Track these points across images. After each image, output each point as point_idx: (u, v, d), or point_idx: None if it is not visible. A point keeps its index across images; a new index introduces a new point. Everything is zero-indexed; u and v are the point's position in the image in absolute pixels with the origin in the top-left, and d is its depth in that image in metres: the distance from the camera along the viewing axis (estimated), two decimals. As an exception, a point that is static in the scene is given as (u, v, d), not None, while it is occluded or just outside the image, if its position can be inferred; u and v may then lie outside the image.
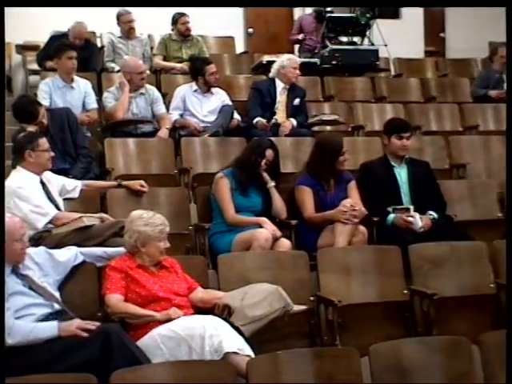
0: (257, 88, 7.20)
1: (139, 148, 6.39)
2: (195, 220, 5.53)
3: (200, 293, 4.35)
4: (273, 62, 7.47)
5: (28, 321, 3.84)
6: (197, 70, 7.11)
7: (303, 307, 4.41)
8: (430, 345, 3.79)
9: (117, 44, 8.52)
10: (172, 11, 8.75)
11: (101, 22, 9.23)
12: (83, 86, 6.85)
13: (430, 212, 5.49)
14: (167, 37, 8.64)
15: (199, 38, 8.79)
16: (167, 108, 7.01)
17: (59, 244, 4.53)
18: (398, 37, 9.58)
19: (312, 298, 4.62)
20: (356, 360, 3.62)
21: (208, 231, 5.28)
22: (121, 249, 4.36)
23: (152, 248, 4.23)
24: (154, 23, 9.32)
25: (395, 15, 10.82)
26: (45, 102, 6.37)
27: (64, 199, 5.14)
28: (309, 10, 9.87)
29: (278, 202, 5.43)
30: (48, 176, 5.09)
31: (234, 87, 8.09)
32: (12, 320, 3.75)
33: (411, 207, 5.46)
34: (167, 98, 7.23)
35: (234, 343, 3.81)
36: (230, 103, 7.11)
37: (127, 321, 4.05)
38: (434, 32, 11.71)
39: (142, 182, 5.46)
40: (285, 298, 4.24)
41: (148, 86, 7.00)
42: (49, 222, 4.79)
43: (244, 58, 9.74)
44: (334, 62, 8.64)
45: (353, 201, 5.28)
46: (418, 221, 5.38)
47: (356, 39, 9.03)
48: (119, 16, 8.62)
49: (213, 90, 7.07)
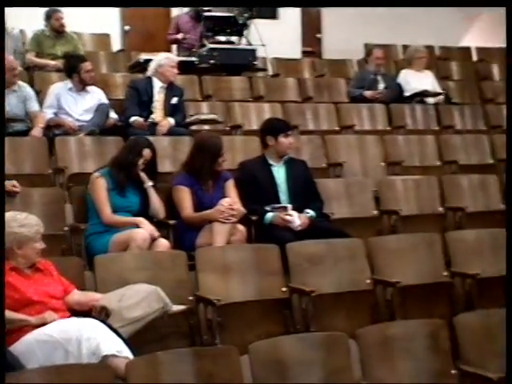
0: (134, 86, 7.09)
1: (11, 147, 6.16)
2: (71, 221, 5.40)
3: (76, 295, 4.26)
4: (150, 61, 7.38)
5: None
6: (71, 68, 6.95)
7: (182, 307, 4.38)
8: (309, 341, 3.82)
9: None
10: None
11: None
12: None
13: (308, 210, 5.56)
14: (40, 32, 8.40)
15: (74, 35, 8.59)
16: (41, 106, 6.81)
17: None
18: (276, 37, 9.64)
19: (191, 298, 4.58)
20: (236, 359, 3.61)
21: (84, 232, 5.17)
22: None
23: (29, 249, 4.11)
24: (26, 18, 8.99)
25: (273, 15, 10.89)
26: None
27: None
28: (186, 9, 9.80)
29: (156, 202, 5.37)
30: None
31: (111, 85, 7.95)
32: None
33: (289, 206, 5.50)
34: (41, 96, 7.03)
35: (112, 345, 3.74)
36: (107, 102, 6.98)
37: (-1, 326, 3.90)
38: (311, 33, 11.86)
39: (15, 183, 5.28)
40: (163, 299, 4.19)
41: (20, 83, 6.78)
42: None
43: (121, 56, 9.59)
44: (212, 61, 8.61)
45: (231, 200, 5.27)
46: (296, 219, 5.43)
47: (234, 39, 9.03)
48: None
49: (88, 89, 6.92)
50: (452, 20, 11.56)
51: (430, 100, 8.65)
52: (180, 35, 9.34)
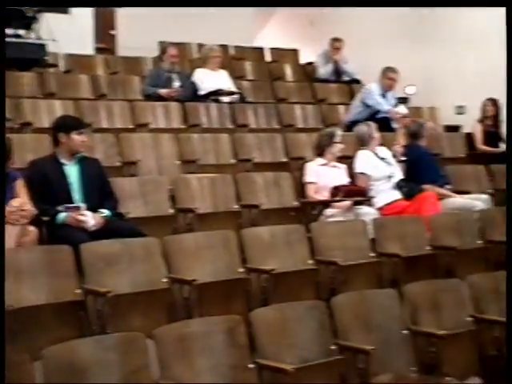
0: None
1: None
2: None
3: None
4: None
5: None
6: None
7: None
8: (105, 343, 3.74)
9: None
10: None
11: None
12: None
13: (102, 210, 5.44)
14: None
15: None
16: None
17: None
18: (68, 32, 9.36)
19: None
20: (28, 365, 3.46)
21: None
22: None
23: None
24: None
25: (64, 10, 10.57)
26: None
27: None
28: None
29: None
30: None
31: None
32: None
33: (82, 205, 5.35)
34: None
35: None
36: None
37: None
38: (105, 29, 11.65)
39: None
40: None
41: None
42: None
43: None
44: (-1, 56, 8.23)
45: (21, 200, 5.04)
46: (90, 219, 5.29)
47: (21, 32, 8.69)
48: None
49: None
50: (246, 20, 11.76)
51: (225, 99, 8.74)
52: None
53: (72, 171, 5.53)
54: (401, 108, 9.31)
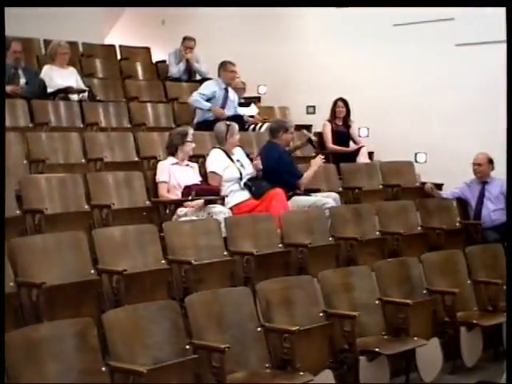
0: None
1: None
2: None
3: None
4: None
5: None
6: None
7: None
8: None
9: None
10: None
11: None
12: None
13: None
14: None
15: None
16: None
17: None
18: None
19: None
20: None
21: None
22: None
23: None
24: None
25: None
26: None
27: None
28: None
29: None
30: None
31: None
32: None
33: None
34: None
35: None
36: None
37: None
38: None
39: None
40: None
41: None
42: None
43: None
44: None
45: None
46: None
47: None
48: None
49: None
50: (96, 17, 11.51)
51: (74, 97, 8.53)
52: None
53: None
54: (252, 107, 9.42)
